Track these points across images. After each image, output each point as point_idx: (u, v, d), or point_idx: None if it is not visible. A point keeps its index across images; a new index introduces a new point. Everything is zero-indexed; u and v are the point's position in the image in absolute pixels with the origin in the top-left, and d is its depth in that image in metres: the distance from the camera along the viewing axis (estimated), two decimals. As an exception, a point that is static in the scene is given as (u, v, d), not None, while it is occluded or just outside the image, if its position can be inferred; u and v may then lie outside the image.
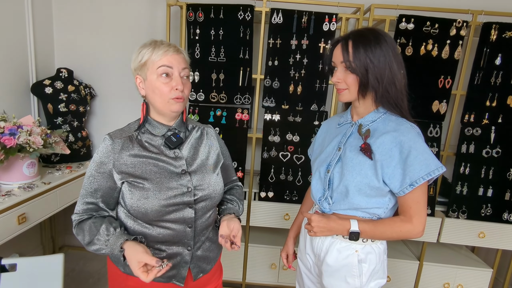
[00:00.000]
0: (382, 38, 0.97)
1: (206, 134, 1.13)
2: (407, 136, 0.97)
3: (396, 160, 0.97)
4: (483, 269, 2.16)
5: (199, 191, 1.02)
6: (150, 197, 0.95)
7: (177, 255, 1.04)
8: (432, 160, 0.95)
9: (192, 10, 1.91)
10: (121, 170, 0.97)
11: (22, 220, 1.60)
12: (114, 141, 0.98)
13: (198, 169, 1.04)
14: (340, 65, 1.01)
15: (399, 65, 0.99)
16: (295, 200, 2.10)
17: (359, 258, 1.07)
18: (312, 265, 1.21)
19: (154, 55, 0.96)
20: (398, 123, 1.01)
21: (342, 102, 1.11)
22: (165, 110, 0.99)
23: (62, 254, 1.33)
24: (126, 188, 0.98)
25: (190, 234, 1.03)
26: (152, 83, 0.97)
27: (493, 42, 1.86)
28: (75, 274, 2.35)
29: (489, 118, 1.94)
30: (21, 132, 1.65)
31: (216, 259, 1.17)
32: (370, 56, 0.96)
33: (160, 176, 0.98)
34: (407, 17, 1.86)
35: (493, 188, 1.98)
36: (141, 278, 0.85)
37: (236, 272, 2.27)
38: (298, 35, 1.92)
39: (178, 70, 0.97)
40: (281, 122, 2.03)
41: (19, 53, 2.08)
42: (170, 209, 0.98)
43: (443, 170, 0.95)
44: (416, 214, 0.99)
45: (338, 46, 1.02)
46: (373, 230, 1.03)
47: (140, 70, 0.99)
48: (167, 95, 0.97)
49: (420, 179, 0.94)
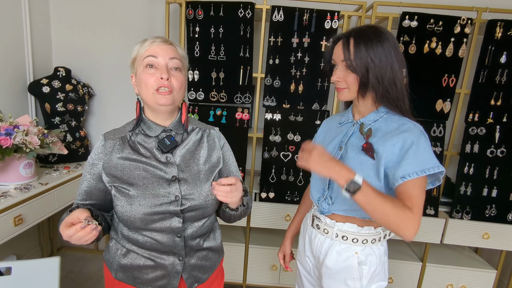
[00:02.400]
0: (384, 36, 0.94)
1: (207, 136, 1.06)
2: (410, 134, 0.94)
3: (396, 156, 0.94)
4: (487, 270, 2.13)
5: (188, 201, 0.94)
6: (134, 204, 0.91)
7: (167, 265, 0.98)
8: (430, 159, 0.92)
9: (192, 8, 1.87)
10: (109, 173, 0.94)
11: (19, 221, 1.57)
12: (107, 142, 0.96)
13: (190, 176, 0.97)
14: (341, 64, 0.99)
15: (400, 64, 0.96)
16: (296, 201, 2.07)
17: (359, 260, 1.04)
18: (312, 268, 1.18)
19: (141, 48, 0.93)
20: (400, 122, 0.98)
21: (342, 101, 1.08)
22: (153, 104, 0.93)
23: (58, 257, 1.30)
24: (114, 193, 0.94)
25: (180, 244, 0.97)
26: (139, 76, 0.94)
27: (498, 40, 1.83)
28: (74, 275, 2.33)
29: (494, 117, 1.91)
30: (18, 132, 1.62)
31: (214, 268, 1.10)
32: (371, 55, 0.93)
33: (147, 182, 0.93)
34: (410, 14, 1.83)
35: (498, 189, 1.95)
36: (64, 234, 0.77)
37: (237, 274, 2.25)
38: (299, 33, 1.89)
39: (164, 59, 0.92)
40: (282, 122, 1.99)
41: (16, 52, 2.05)
42: (155, 217, 0.92)
43: (439, 170, 0.91)
44: (416, 206, 0.88)
45: (339, 44, 0.99)
46: (375, 195, 0.86)
47: (132, 67, 0.97)
48: (151, 86, 0.91)
49: (413, 173, 0.90)
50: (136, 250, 0.97)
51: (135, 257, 0.97)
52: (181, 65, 0.96)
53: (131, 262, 0.97)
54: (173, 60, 0.93)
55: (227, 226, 2.23)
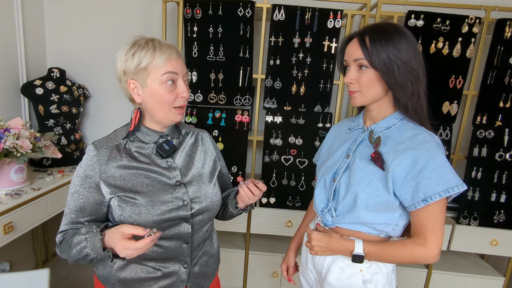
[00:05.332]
0: (403, 33, 0.87)
1: (201, 140, 1.05)
2: (425, 147, 0.86)
3: (407, 170, 0.86)
4: (495, 278, 2.07)
5: (196, 204, 0.93)
6: (143, 213, 0.86)
7: (172, 274, 0.95)
8: (452, 176, 0.84)
9: (189, 7, 1.81)
10: (110, 183, 0.87)
11: (9, 229, 1.51)
12: (100, 151, 0.89)
13: (193, 179, 0.95)
14: (353, 64, 0.91)
15: (419, 65, 0.89)
16: (298, 206, 2.00)
17: (364, 279, 0.96)
18: (314, 282, 1.11)
19: (157, 59, 0.85)
20: (415, 132, 0.90)
21: (354, 106, 1.00)
22: (166, 120, 0.91)
23: (47, 269, 1.24)
24: (115, 203, 0.87)
25: (187, 251, 0.95)
26: (154, 91, 0.86)
27: (508, 40, 1.77)
28: (69, 282, 2.26)
29: (503, 119, 1.85)
30: (8, 135, 1.56)
31: (214, 274, 1.09)
32: (392, 51, 0.84)
33: (152, 189, 0.89)
34: (416, 13, 1.77)
35: (507, 194, 1.88)
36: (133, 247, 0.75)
37: (237, 280, 2.19)
38: (301, 32, 1.82)
39: (182, 76, 0.90)
40: (283, 124, 1.93)
41: (8, 52, 1.98)
42: (165, 225, 0.89)
43: (463, 188, 0.83)
44: (432, 236, 0.86)
45: (351, 42, 0.91)
46: (380, 253, 0.91)
47: (137, 75, 0.87)
48: (171, 104, 0.88)
49: (436, 195, 0.83)
50: (137, 261, 0.92)
51: (136, 269, 0.93)
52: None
53: (131, 275, 0.93)
54: (186, 75, 0.92)
55: (227, 232, 2.17)
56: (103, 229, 0.83)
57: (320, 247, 0.95)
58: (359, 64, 0.89)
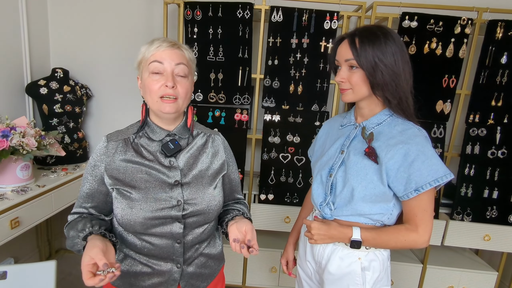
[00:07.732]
0: (390, 36, 0.92)
1: (212, 141, 1.04)
2: (414, 140, 0.92)
3: (399, 163, 0.92)
4: (488, 272, 2.12)
5: (190, 206, 0.93)
6: (135, 207, 0.89)
7: (165, 273, 0.96)
8: (440, 166, 0.91)
9: (190, 8, 1.86)
10: (112, 175, 0.92)
11: (15, 224, 1.55)
12: (109, 143, 0.94)
13: (193, 181, 0.95)
14: (344, 64, 0.96)
15: (406, 65, 0.94)
16: (295, 203, 2.05)
17: (362, 266, 1.02)
18: (313, 273, 1.16)
19: (147, 51, 0.91)
20: (404, 126, 0.96)
21: (345, 102, 1.06)
22: (157, 111, 0.91)
23: (54, 261, 1.29)
24: (115, 195, 0.92)
25: (179, 250, 0.95)
26: (144, 82, 0.92)
27: (499, 40, 1.81)
28: (73, 278, 2.31)
29: (495, 118, 1.89)
30: (14, 134, 1.60)
31: (214, 275, 1.08)
32: (378, 53, 0.91)
33: (149, 186, 0.91)
34: (410, 15, 1.82)
35: (499, 190, 1.93)
36: (83, 277, 0.71)
37: (236, 276, 2.23)
38: (299, 33, 1.87)
39: (170, 66, 0.88)
40: (281, 123, 1.98)
41: (13, 53, 2.03)
42: (156, 222, 0.90)
43: (451, 177, 0.91)
44: (422, 223, 0.94)
45: (342, 43, 0.97)
46: (376, 238, 0.98)
47: (138, 69, 0.95)
48: (156, 93, 0.88)
49: (427, 184, 0.90)
50: (134, 256, 0.95)
51: (132, 263, 0.96)
52: (187, 70, 0.92)
53: (127, 269, 0.96)
54: (179, 66, 0.89)
55: (226, 228, 2.21)
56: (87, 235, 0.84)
57: (320, 235, 1.00)
58: (350, 64, 0.95)
